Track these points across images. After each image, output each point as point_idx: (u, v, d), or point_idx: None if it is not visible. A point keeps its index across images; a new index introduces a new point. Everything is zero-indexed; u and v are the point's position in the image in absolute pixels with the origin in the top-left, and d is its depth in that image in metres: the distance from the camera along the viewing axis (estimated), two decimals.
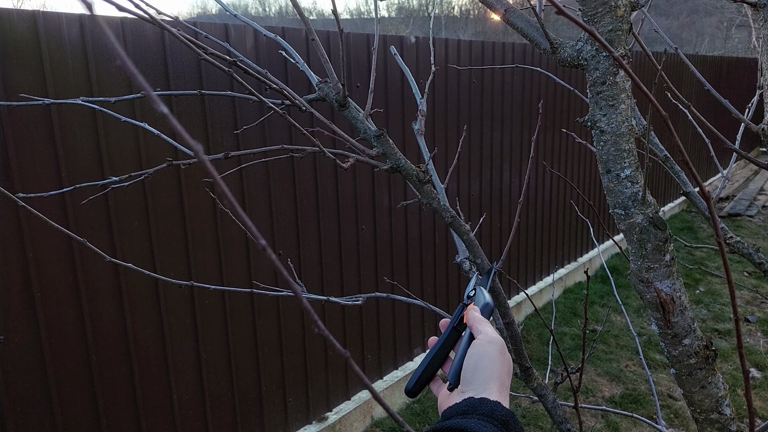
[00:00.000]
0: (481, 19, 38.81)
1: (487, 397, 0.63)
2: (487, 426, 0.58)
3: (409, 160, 0.99)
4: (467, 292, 0.82)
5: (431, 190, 0.99)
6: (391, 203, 3.26)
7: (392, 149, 0.97)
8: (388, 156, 0.97)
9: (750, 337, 4.23)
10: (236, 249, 2.47)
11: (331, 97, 0.96)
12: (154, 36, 2.12)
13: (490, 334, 0.72)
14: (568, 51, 0.93)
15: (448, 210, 1.00)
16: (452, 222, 0.99)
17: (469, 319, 0.75)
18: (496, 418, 0.60)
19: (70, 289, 1.98)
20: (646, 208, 0.96)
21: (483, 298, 0.79)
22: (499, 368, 0.68)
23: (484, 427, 0.58)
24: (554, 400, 1.08)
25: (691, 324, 1.02)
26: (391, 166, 0.97)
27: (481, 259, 1.00)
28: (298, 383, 2.84)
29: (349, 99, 0.96)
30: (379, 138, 0.96)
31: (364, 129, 0.98)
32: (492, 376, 0.67)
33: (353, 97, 2.94)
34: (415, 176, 0.97)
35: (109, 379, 2.11)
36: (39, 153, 1.87)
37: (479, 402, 0.62)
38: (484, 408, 0.61)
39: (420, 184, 0.97)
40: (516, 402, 3.38)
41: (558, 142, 4.78)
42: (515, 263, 4.44)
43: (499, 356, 0.69)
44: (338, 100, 0.95)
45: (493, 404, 0.62)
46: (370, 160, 0.96)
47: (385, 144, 0.96)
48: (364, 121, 0.98)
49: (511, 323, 1.05)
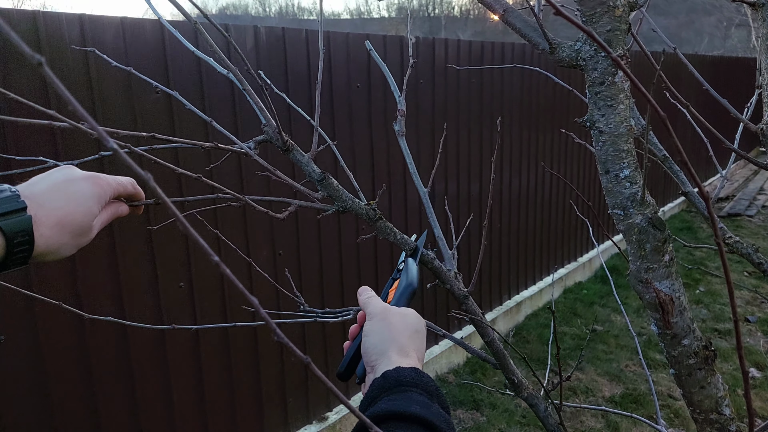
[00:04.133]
0: (481, 20, 38.81)
1: (386, 370, 0.61)
2: (395, 401, 0.57)
3: (356, 198, 0.98)
4: (397, 266, 0.83)
5: (385, 225, 0.98)
6: (391, 204, 3.26)
7: (337, 191, 0.95)
8: (334, 198, 0.96)
9: (750, 337, 4.23)
10: (236, 255, 2.47)
11: (275, 141, 0.96)
12: (153, 36, 2.11)
13: (373, 310, 0.70)
14: (567, 51, 0.93)
15: (406, 242, 0.99)
16: (413, 253, 0.98)
17: (359, 304, 0.74)
18: (404, 384, 0.59)
19: (70, 289, 1.98)
20: (645, 208, 0.96)
21: (405, 279, 0.78)
22: (387, 336, 0.66)
23: (389, 405, 0.56)
24: (546, 409, 1.08)
25: (690, 324, 1.02)
26: (338, 208, 0.96)
27: (449, 284, 1.01)
28: (299, 383, 2.84)
29: (291, 143, 0.96)
30: (322, 182, 0.94)
31: (308, 172, 0.97)
32: (384, 348, 0.65)
33: (352, 96, 2.94)
34: (366, 214, 0.96)
35: (108, 380, 2.11)
36: (39, 152, 1.87)
37: (381, 381, 0.60)
38: (388, 383, 0.60)
39: (373, 222, 0.97)
40: (516, 402, 3.38)
41: (557, 142, 4.78)
42: (515, 263, 4.44)
43: (383, 324, 0.68)
44: (280, 145, 0.95)
45: (393, 372, 0.60)
46: (315, 205, 0.96)
47: (329, 186, 0.94)
48: (308, 164, 0.97)
49: (491, 341, 1.04)
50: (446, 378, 3.70)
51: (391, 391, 0.59)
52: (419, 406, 0.56)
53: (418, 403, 0.56)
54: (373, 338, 0.67)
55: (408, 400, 0.57)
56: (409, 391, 0.58)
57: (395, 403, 0.56)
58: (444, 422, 0.57)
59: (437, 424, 0.55)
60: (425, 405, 0.57)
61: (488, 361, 1.10)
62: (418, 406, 0.56)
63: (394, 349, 0.65)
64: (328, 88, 2.81)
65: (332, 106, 2.84)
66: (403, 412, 0.55)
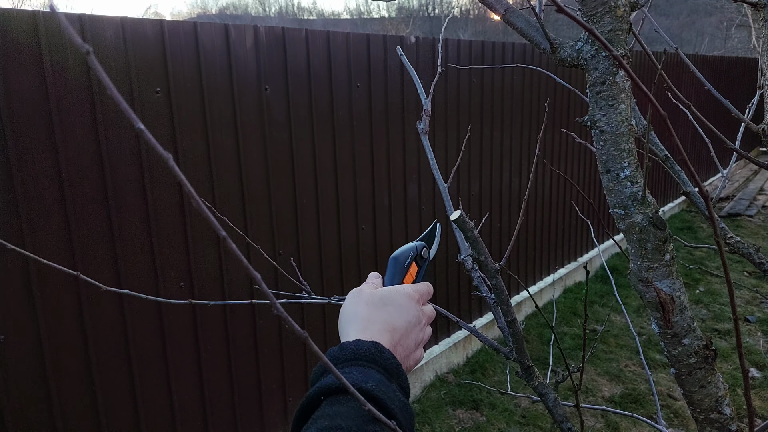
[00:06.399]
0: (481, 19, 38.81)
1: (345, 341, 0.59)
2: (348, 374, 0.53)
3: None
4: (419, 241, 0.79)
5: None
6: (391, 203, 3.26)
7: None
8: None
9: (750, 337, 4.23)
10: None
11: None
12: (153, 36, 2.12)
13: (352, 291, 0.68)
14: (568, 51, 0.93)
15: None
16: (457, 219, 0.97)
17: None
18: (360, 358, 0.56)
19: (70, 289, 1.98)
20: (646, 207, 0.96)
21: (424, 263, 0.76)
22: (350, 311, 0.65)
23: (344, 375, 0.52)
24: (555, 399, 1.08)
25: (690, 324, 1.02)
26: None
27: (484, 256, 0.99)
28: (299, 382, 2.84)
29: None
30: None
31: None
32: (349, 325, 0.63)
33: (352, 96, 2.94)
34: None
35: (108, 379, 2.11)
36: (39, 153, 1.87)
37: (338, 351, 0.57)
38: (344, 354, 0.56)
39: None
40: (516, 402, 3.38)
41: (558, 141, 4.78)
42: (515, 263, 4.44)
43: (352, 300, 0.66)
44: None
45: (351, 344, 0.57)
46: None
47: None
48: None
49: (513, 321, 1.05)
50: (446, 378, 3.70)
51: (345, 363, 0.55)
52: (374, 383, 0.52)
53: (374, 380, 0.53)
54: (343, 318, 0.65)
55: (363, 375, 0.53)
56: (368, 366, 0.54)
57: (349, 376, 0.52)
58: (399, 405, 0.52)
59: (389, 405, 0.51)
60: (380, 383, 0.53)
61: (499, 350, 1.11)
62: (373, 382, 0.52)
63: (354, 323, 0.62)
64: (328, 87, 2.81)
65: (332, 106, 2.84)
66: (359, 386, 0.51)
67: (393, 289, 0.67)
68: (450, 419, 3.26)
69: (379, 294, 0.66)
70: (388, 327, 0.62)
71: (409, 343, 0.64)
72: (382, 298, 0.65)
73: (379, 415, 0.46)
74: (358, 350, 0.56)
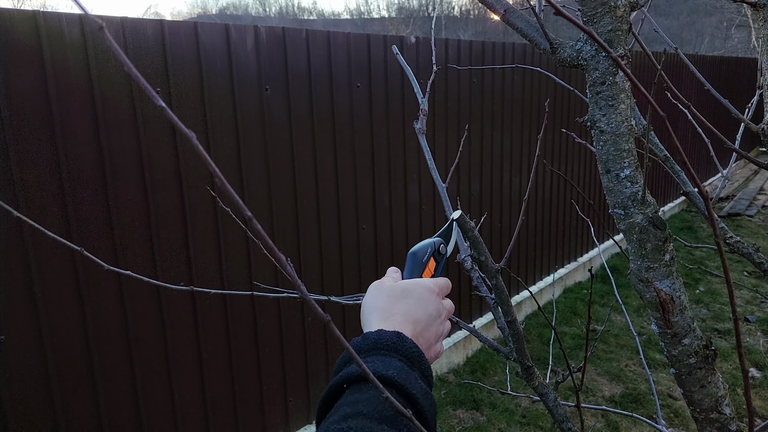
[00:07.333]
0: (481, 19, 38.82)
1: (369, 331, 0.59)
2: (371, 363, 0.54)
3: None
4: (437, 239, 0.79)
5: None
6: (391, 203, 3.26)
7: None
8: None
9: (750, 337, 4.23)
10: (237, 249, 2.47)
11: None
12: (154, 36, 2.12)
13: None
14: (568, 51, 0.93)
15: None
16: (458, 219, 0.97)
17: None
18: (382, 348, 0.56)
19: (71, 289, 1.98)
20: (646, 207, 0.96)
21: (442, 263, 0.76)
22: (371, 303, 0.65)
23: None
24: (555, 398, 1.09)
25: (690, 323, 1.02)
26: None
27: (485, 256, 0.99)
28: (299, 383, 2.84)
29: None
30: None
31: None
32: (371, 316, 0.63)
33: (353, 96, 2.94)
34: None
35: (110, 379, 2.11)
36: (39, 153, 1.87)
37: (360, 341, 0.58)
38: (366, 344, 0.57)
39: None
40: (516, 402, 3.38)
41: (558, 142, 4.78)
42: (515, 263, 4.44)
43: (373, 293, 0.66)
44: None
45: (373, 335, 0.58)
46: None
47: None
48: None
49: (513, 321, 1.05)
50: (446, 378, 3.70)
51: (368, 353, 0.56)
52: (395, 371, 0.53)
53: (395, 368, 0.53)
54: (365, 309, 0.66)
55: (385, 364, 0.53)
56: (389, 356, 0.55)
57: (371, 365, 0.53)
58: (420, 391, 0.53)
59: (410, 390, 0.52)
60: (402, 370, 0.53)
61: (500, 351, 1.11)
62: (394, 370, 0.53)
63: (375, 314, 0.63)
64: (329, 87, 2.81)
65: (333, 106, 2.84)
66: (380, 375, 0.52)
67: (414, 282, 0.68)
68: (450, 419, 3.26)
69: (401, 286, 0.66)
70: (410, 318, 0.62)
71: (429, 335, 0.64)
72: (403, 291, 0.66)
73: (396, 404, 0.46)
74: (379, 340, 0.57)
